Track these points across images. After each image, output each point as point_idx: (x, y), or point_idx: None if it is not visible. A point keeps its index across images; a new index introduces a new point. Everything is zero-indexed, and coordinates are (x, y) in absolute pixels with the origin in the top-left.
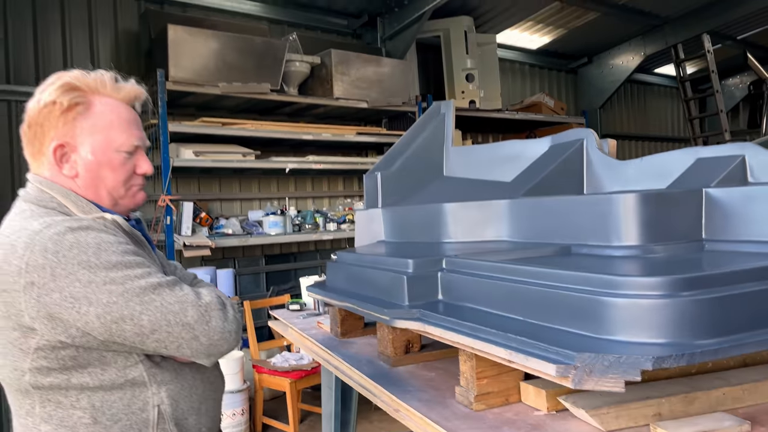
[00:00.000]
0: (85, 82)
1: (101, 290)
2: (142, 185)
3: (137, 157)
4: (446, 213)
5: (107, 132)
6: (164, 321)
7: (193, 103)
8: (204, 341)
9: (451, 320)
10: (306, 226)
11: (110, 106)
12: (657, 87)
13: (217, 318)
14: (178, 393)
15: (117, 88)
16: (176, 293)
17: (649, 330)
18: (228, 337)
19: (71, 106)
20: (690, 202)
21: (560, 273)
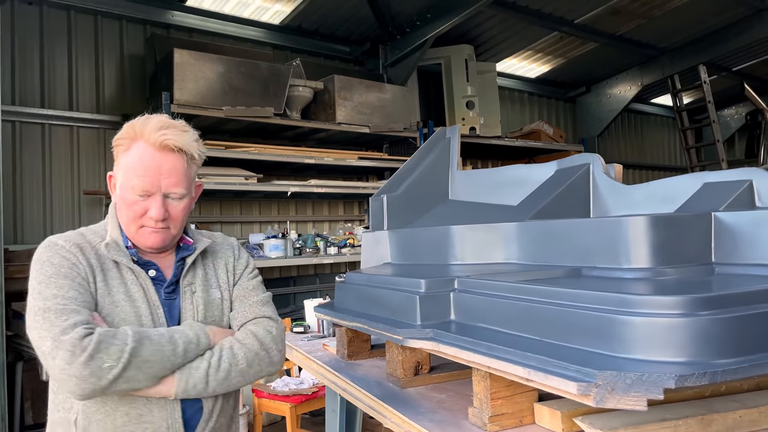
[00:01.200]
0: (135, 125)
1: (30, 298)
2: (155, 229)
3: (151, 201)
4: (454, 235)
5: (128, 172)
6: (36, 343)
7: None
8: (52, 374)
9: (466, 339)
10: (307, 250)
11: (140, 150)
12: (654, 117)
13: (62, 358)
14: (92, 414)
15: (154, 134)
16: (51, 321)
17: (669, 349)
18: (68, 380)
19: (117, 146)
20: (699, 225)
21: (577, 293)
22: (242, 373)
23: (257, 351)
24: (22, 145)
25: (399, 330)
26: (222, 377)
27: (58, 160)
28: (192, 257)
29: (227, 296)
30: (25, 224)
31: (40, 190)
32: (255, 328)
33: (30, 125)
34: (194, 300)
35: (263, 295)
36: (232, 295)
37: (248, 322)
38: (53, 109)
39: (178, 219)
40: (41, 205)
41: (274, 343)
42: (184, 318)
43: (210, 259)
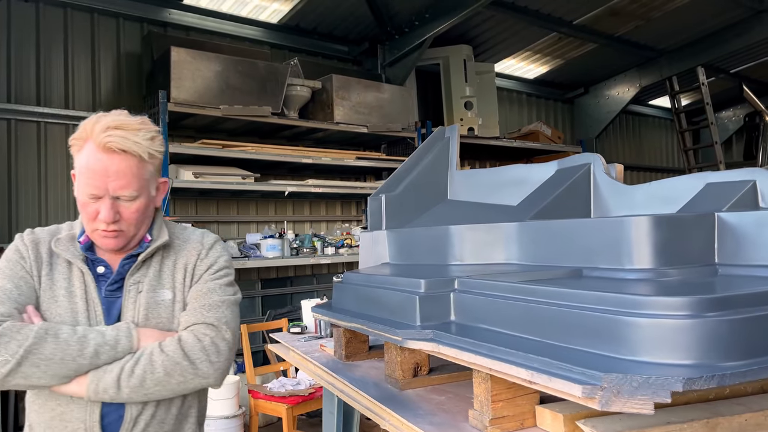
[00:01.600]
0: (87, 125)
1: None
2: (107, 232)
3: (100, 203)
4: (453, 235)
5: (80, 174)
6: None
7: (192, 125)
8: None
9: (467, 340)
10: (304, 250)
11: (89, 152)
12: (652, 118)
13: None
14: (31, 404)
15: (100, 135)
16: None
17: (676, 351)
18: None
19: (72, 146)
20: (702, 226)
21: (581, 293)
22: (160, 383)
23: (178, 360)
24: (17, 143)
25: (398, 331)
26: (135, 384)
27: (54, 158)
28: (144, 255)
29: (180, 297)
30: (20, 222)
31: (36, 188)
32: (186, 335)
33: (25, 123)
34: (138, 300)
35: (218, 298)
36: (187, 297)
37: (187, 327)
38: (49, 107)
39: (132, 220)
40: (36, 204)
41: (204, 353)
42: (123, 317)
43: (171, 258)
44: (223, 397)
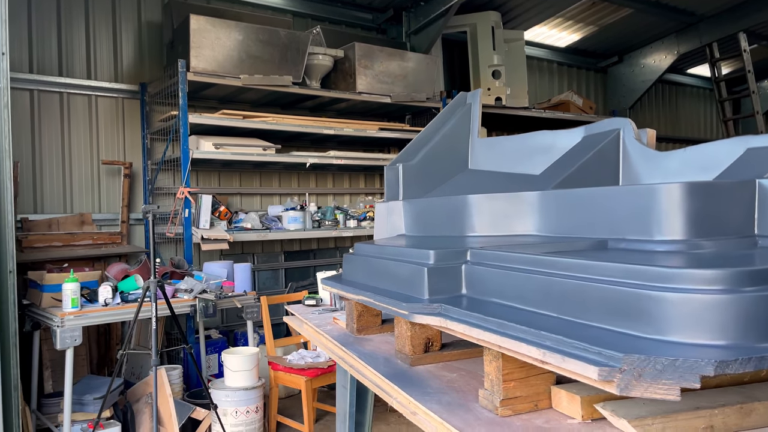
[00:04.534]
0: None
1: None
2: None
3: None
4: (471, 205)
5: None
6: None
7: (214, 95)
8: None
9: (476, 315)
10: (326, 223)
11: None
12: (689, 88)
13: None
14: None
15: None
16: None
17: (708, 330)
18: None
19: None
20: (741, 194)
21: (602, 265)
22: None
23: None
24: (40, 113)
25: (404, 304)
26: None
27: (77, 129)
28: None
29: None
30: (45, 194)
31: (59, 159)
32: None
33: (48, 94)
34: None
35: None
36: None
37: None
38: (71, 78)
39: None
40: (60, 175)
41: None
42: None
43: None
44: (242, 369)
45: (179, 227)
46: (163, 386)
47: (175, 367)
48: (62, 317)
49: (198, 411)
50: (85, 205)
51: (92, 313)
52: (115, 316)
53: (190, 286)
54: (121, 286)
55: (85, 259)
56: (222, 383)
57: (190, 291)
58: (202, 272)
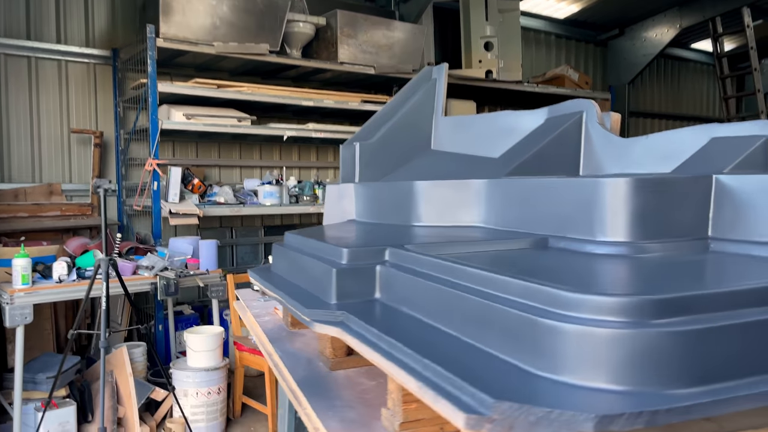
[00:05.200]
0: None
1: None
2: None
3: None
4: (417, 193)
5: None
6: None
7: (191, 62)
8: None
9: (373, 331)
10: (304, 198)
11: None
12: (692, 63)
13: None
14: None
15: None
16: None
17: (603, 371)
18: None
19: None
20: (696, 190)
21: (505, 281)
22: None
23: None
24: (8, 79)
25: (307, 310)
26: None
27: (47, 96)
28: None
29: None
30: (12, 163)
31: (28, 127)
32: None
33: (16, 58)
34: None
35: None
36: None
37: None
38: (40, 42)
39: None
40: (29, 143)
41: None
42: None
43: None
44: (205, 349)
45: (147, 200)
46: (123, 365)
47: (137, 344)
48: (11, 294)
49: (157, 391)
50: (54, 175)
51: (44, 290)
52: (68, 293)
53: (151, 263)
54: (79, 262)
55: (53, 231)
56: (184, 363)
57: (151, 268)
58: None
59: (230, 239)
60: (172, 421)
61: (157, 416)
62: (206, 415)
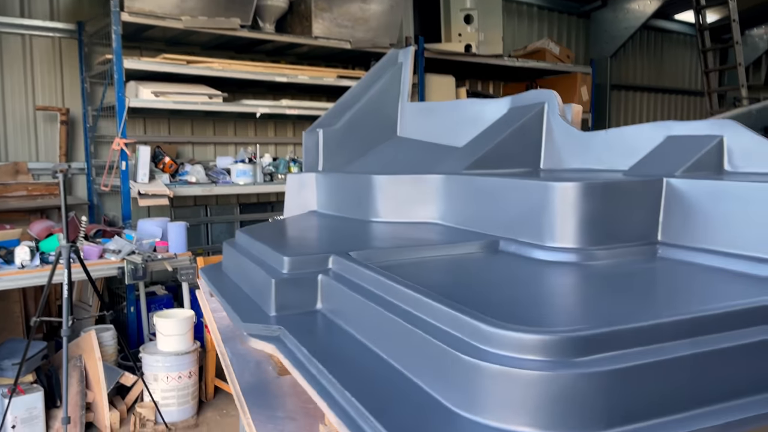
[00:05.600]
0: None
1: None
2: None
3: None
4: (376, 187)
5: None
6: None
7: (160, 36)
8: None
9: (304, 352)
10: (279, 176)
11: None
12: (675, 35)
13: None
14: None
15: None
16: None
17: (523, 413)
18: None
19: None
20: (647, 194)
21: (431, 306)
22: None
23: None
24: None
25: (243, 324)
26: None
27: (11, 71)
28: None
29: None
30: None
31: None
32: None
33: None
34: None
35: None
36: None
37: None
38: (3, 16)
39: None
40: None
41: None
42: None
43: None
44: (175, 333)
45: (116, 180)
46: (92, 350)
47: (108, 327)
48: None
49: (126, 376)
50: (20, 154)
51: (6, 277)
52: (30, 279)
53: (118, 247)
54: (42, 246)
55: (20, 212)
56: (154, 347)
57: (118, 252)
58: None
59: (205, 217)
60: (143, 406)
61: (127, 400)
62: (177, 399)
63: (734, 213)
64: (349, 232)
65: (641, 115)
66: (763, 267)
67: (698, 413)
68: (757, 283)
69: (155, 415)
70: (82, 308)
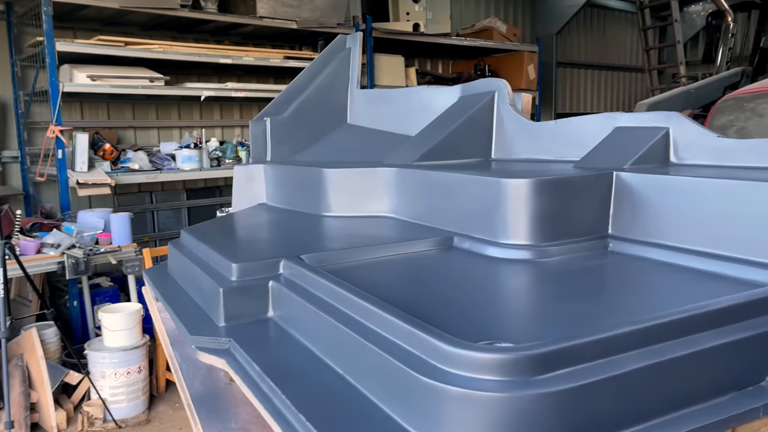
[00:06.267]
0: None
1: None
2: None
3: None
4: (327, 180)
5: None
6: None
7: (95, 16)
8: None
9: (255, 368)
10: (226, 161)
11: None
12: (618, 12)
13: None
14: None
15: None
16: None
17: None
18: None
19: None
20: (597, 189)
21: (386, 319)
22: None
23: None
24: None
25: (191, 337)
26: None
27: None
28: None
29: None
30: None
31: None
32: None
33: None
34: None
35: None
36: None
37: None
38: None
39: None
40: None
41: None
42: None
43: None
44: (121, 328)
45: (52, 169)
46: (34, 348)
47: (48, 324)
48: None
49: (71, 375)
50: None
51: None
52: None
53: (57, 241)
54: None
55: None
56: (100, 343)
57: (57, 246)
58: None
59: (150, 204)
60: (90, 404)
61: (74, 399)
62: (127, 395)
63: (680, 208)
64: (300, 231)
65: (586, 92)
66: (710, 262)
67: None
68: (706, 280)
69: (104, 412)
70: (21, 304)
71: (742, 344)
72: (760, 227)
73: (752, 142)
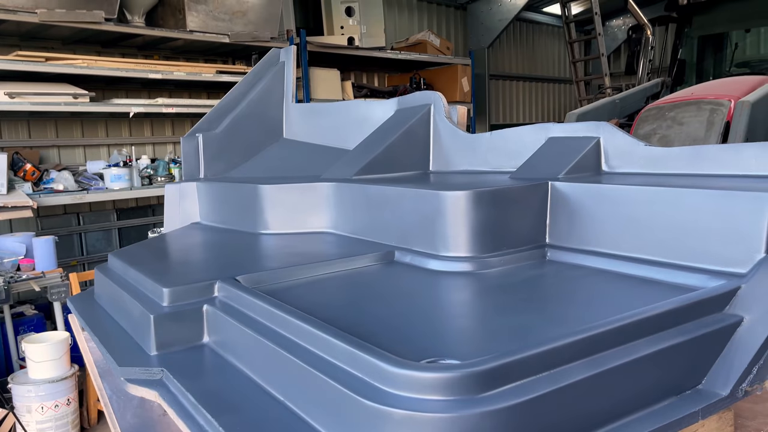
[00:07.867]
0: None
1: None
2: None
3: None
4: (263, 197)
5: None
6: None
7: (14, 31)
8: None
9: (189, 399)
10: (159, 179)
11: None
12: (545, 26)
13: None
14: None
15: None
16: None
17: None
18: None
19: None
20: (534, 199)
21: (328, 341)
22: None
23: None
24: None
25: (120, 369)
26: None
27: None
28: None
29: None
30: None
31: None
32: None
33: None
34: None
35: None
36: None
37: None
38: None
39: None
40: None
41: None
42: None
43: None
44: (47, 359)
45: None
46: None
47: None
48: None
49: None
50: None
51: None
52: None
53: None
54: None
55: None
56: (25, 376)
57: None
58: None
59: (77, 226)
60: None
61: None
62: (55, 430)
63: (613, 215)
64: (236, 250)
65: (518, 103)
66: (643, 268)
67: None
68: (640, 285)
69: None
70: None
71: (680, 348)
72: (687, 232)
73: (678, 150)
